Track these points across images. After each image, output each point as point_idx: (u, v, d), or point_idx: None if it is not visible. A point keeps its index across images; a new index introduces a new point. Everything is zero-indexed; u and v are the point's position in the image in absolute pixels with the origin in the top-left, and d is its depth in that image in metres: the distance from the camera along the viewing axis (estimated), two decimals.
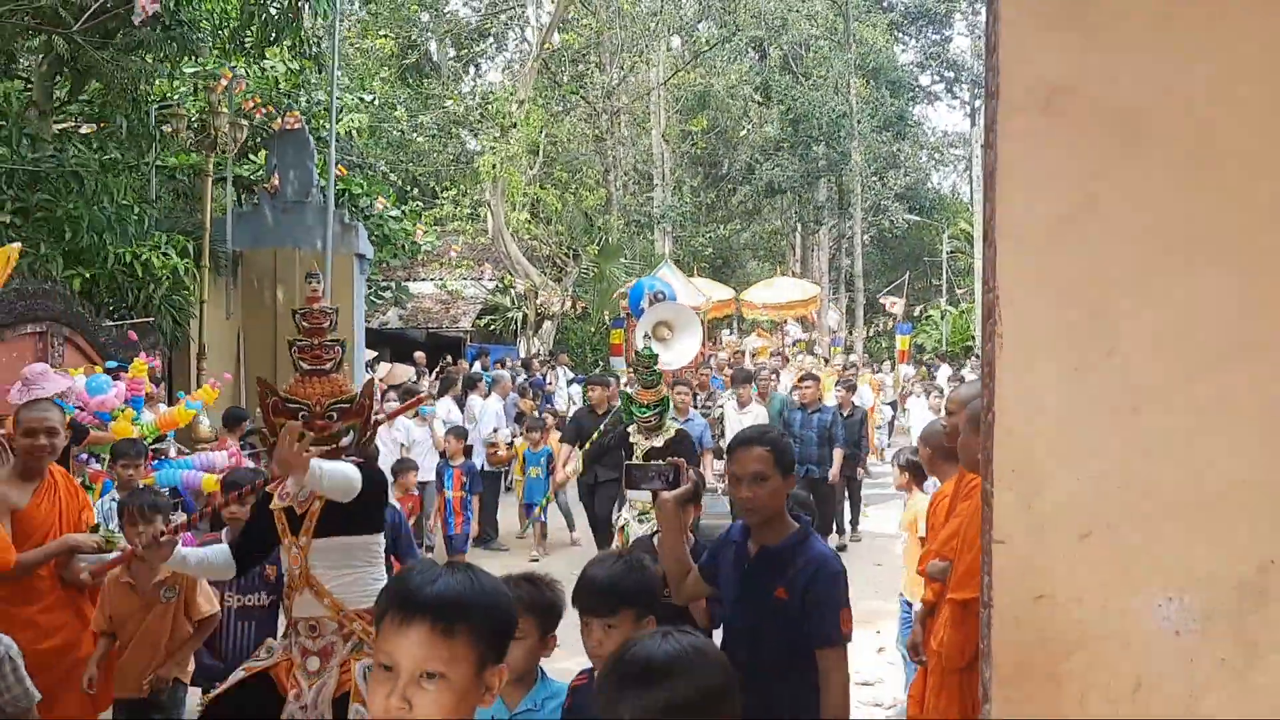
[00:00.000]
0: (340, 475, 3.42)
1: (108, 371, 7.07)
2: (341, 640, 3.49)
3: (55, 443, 3.85)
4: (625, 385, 9.01)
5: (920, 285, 36.90)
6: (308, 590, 3.51)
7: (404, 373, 16.09)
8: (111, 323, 9.86)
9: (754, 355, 18.97)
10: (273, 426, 3.53)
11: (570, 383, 15.67)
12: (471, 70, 31.76)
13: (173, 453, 7.68)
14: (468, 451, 10.20)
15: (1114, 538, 1.55)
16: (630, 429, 6.79)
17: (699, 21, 31.14)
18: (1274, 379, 1.48)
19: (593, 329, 23.28)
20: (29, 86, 10.96)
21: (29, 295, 7.98)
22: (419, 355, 17.52)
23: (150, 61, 10.96)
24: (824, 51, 31.10)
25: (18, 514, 3.58)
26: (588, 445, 8.69)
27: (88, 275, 9.79)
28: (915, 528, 5.32)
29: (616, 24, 26.99)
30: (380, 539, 3.71)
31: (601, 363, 20.58)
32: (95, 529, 3.90)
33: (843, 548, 9.83)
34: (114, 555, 3.69)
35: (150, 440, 6.87)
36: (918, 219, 34.75)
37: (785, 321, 23.90)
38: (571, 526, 10.19)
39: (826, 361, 21.37)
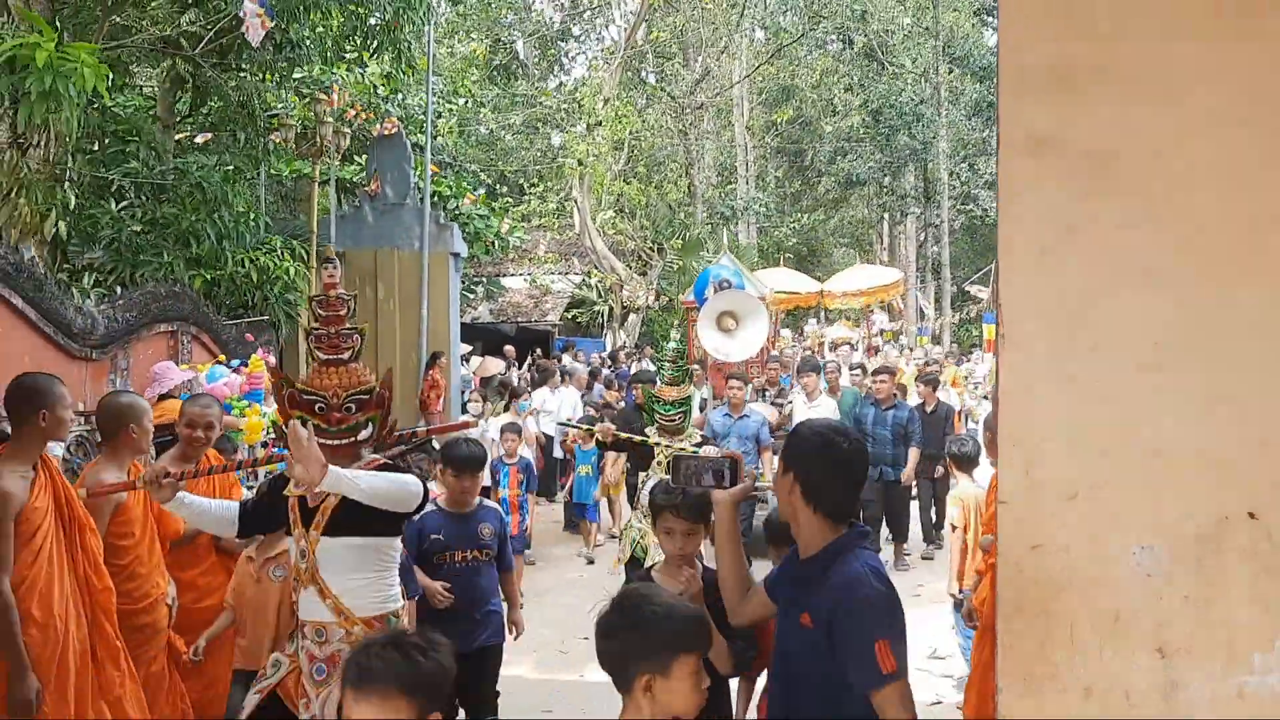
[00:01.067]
0: (388, 487, 3.19)
1: (230, 369, 7.73)
2: (349, 649, 3.12)
3: (211, 435, 4.42)
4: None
5: None
6: (313, 589, 3.32)
7: (495, 366, 16.74)
8: (231, 321, 10.62)
9: (834, 346, 18.62)
10: (289, 419, 3.39)
11: None
12: (556, 68, 32.39)
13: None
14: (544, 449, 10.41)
15: (1096, 498, 1.91)
16: (650, 430, 6.26)
17: (782, 13, 31.21)
18: (1218, 371, 1.85)
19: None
20: (153, 104, 11.80)
21: (162, 297, 8.72)
22: (509, 349, 18.17)
23: (261, 76, 11.71)
24: (908, 41, 30.93)
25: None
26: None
27: (209, 278, 10.57)
28: (963, 518, 5.57)
29: (700, 20, 27.29)
30: (397, 544, 3.51)
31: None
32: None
33: (928, 558, 9.34)
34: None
35: (268, 431, 7.52)
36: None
37: (871, 311, 23.52)
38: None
39: (910, 350, 21.32)
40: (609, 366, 16.82)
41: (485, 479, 9.17)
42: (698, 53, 28.64)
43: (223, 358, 9.24)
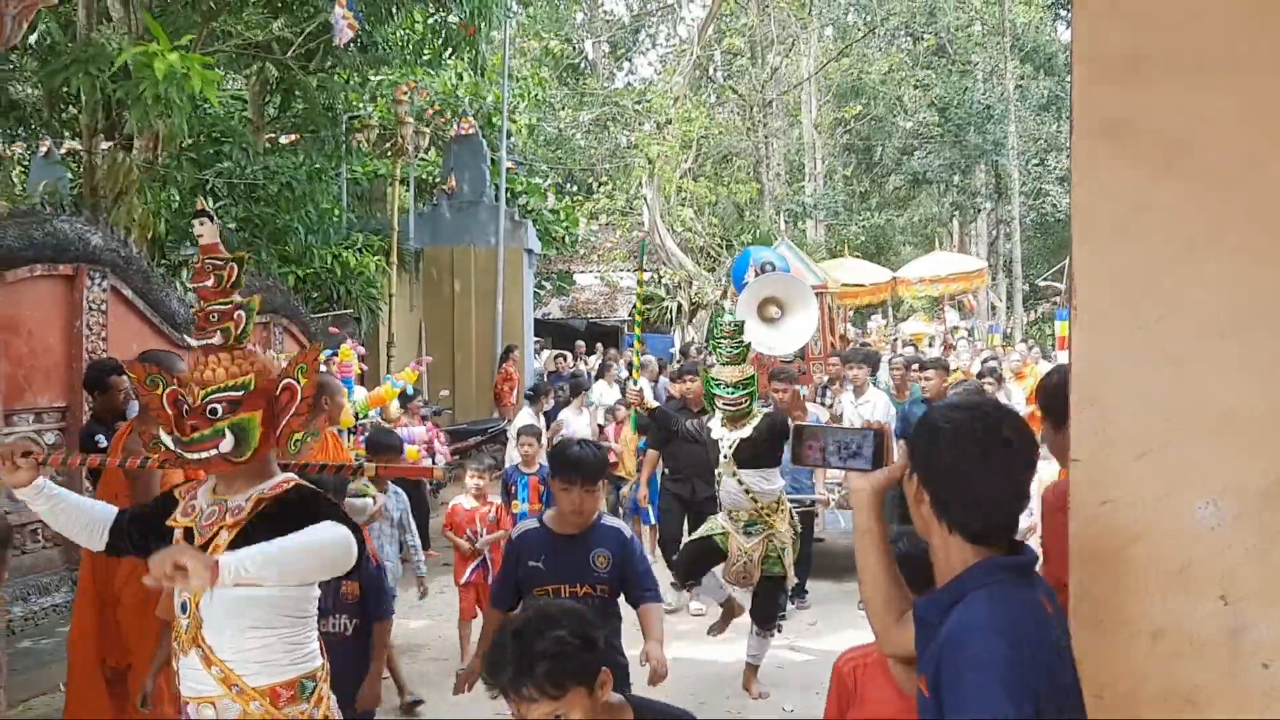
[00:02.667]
0: (308, 561, 2.43)
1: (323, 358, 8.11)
2: None
3: (343, 403, 4.78)
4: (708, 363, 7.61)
5: None
6: (195, 654, 2.55)
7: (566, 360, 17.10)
8: (318, 315, 11.05)
9: (908, 342, 17.91)
10: (166, 418, 2.61)
11: None
12: (625, 66, 32.67)
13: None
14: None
15: (1164, 456, 2.06)
16: (710, 421, 5.77)
17: (847, 13, 31.12)
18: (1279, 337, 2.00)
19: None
20: (244, 106, 12.29)
21: (256, 290, 9.13)
22: (579, 344, 18.48)
23: (345, 78, 12.15)
24: (977, 37, 30.64)
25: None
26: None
27: (300, 274, 11.00)
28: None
29: (770, 18, 27.35)
30: (314, 593, 2.70)
31: None
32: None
33: None
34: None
35: (362, 415, 7.86)
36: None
37: (943, 307, 22.87)
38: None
39: (979, 347, 20.97)
40: (680, 363, 17.03)
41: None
42: (766, 50, 28.70)
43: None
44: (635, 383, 7.13)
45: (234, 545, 2.44)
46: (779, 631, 6.01)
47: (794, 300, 9.42)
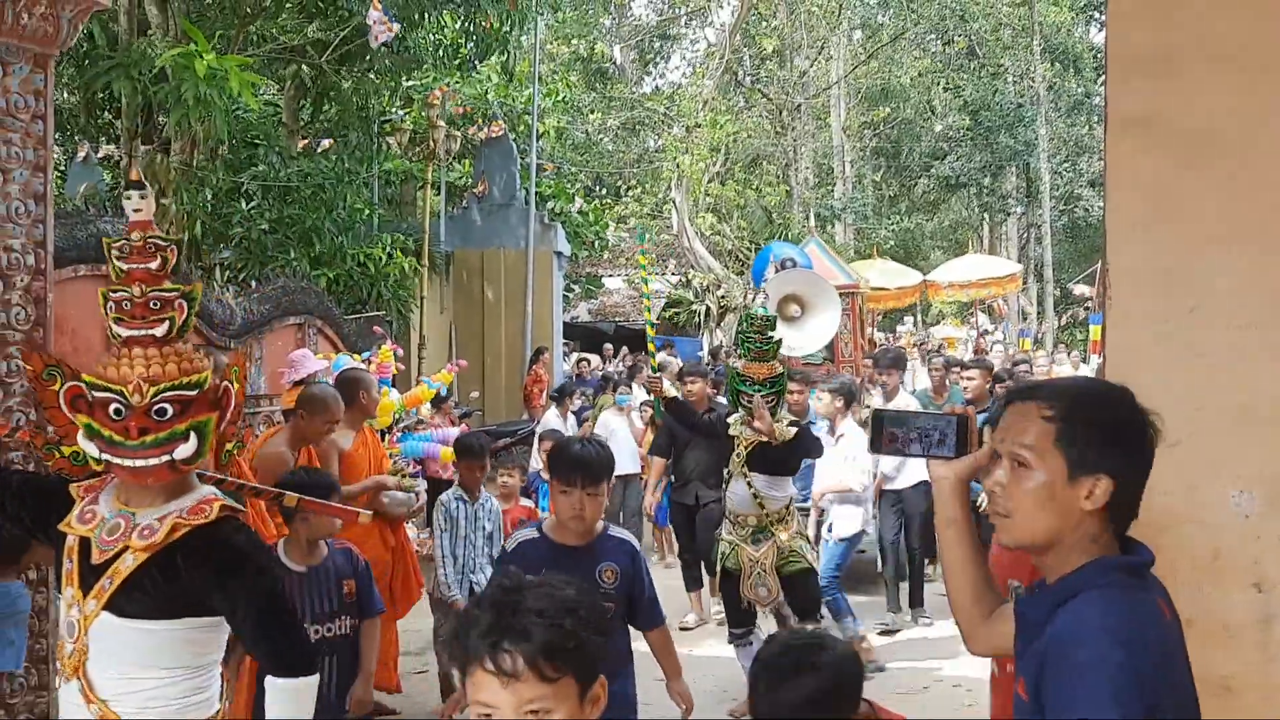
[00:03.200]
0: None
1: (363, 359, 8.22)
2: None
3: (378, 399, 4.89)
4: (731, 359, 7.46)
5: None
6: (75, 684, 2.22)
7: (592, 363, 17.19)
8: (351, 317, 11.17)
9: (940, 348, 17.31)
10: (65, 428, 2.35)
11: None
12: (653, 71, 32.76)
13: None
14: None
15: (1196, 446, 2.09)
16: (731, 418, 5.51)
17: (877, 16, 31.06)
18: None
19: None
20: (279, 109, 12.47)
21: (291, 292, 9.26)
22: (607, 347, 18.55)
23: (378, 81, 12.29)
24: (1006, 40, 30.49)
25: (344, 455, 4.56)
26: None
27: (331, 275, 11.14)
28: None
29: (801, 22, 27.36)
30: (222, 637, 2.36)
31: None
32: (394, 472, 4.89)
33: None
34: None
35: (400, 415, 7.97)
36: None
37: (975, 311, 21.89)
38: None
39: (1009, 352, 20.68)
40: (710, 365, 17.07)
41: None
42: (795, 54, 28.70)
43: (344, 349, 9.76)
44: (655, 370, 6.63)
45: (142, 574, 2.17)
46: (822, 619, 5.75)
47: (816, 298, 9.03)
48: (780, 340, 5.61)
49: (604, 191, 24.80)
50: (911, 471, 6.90)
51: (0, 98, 3.43)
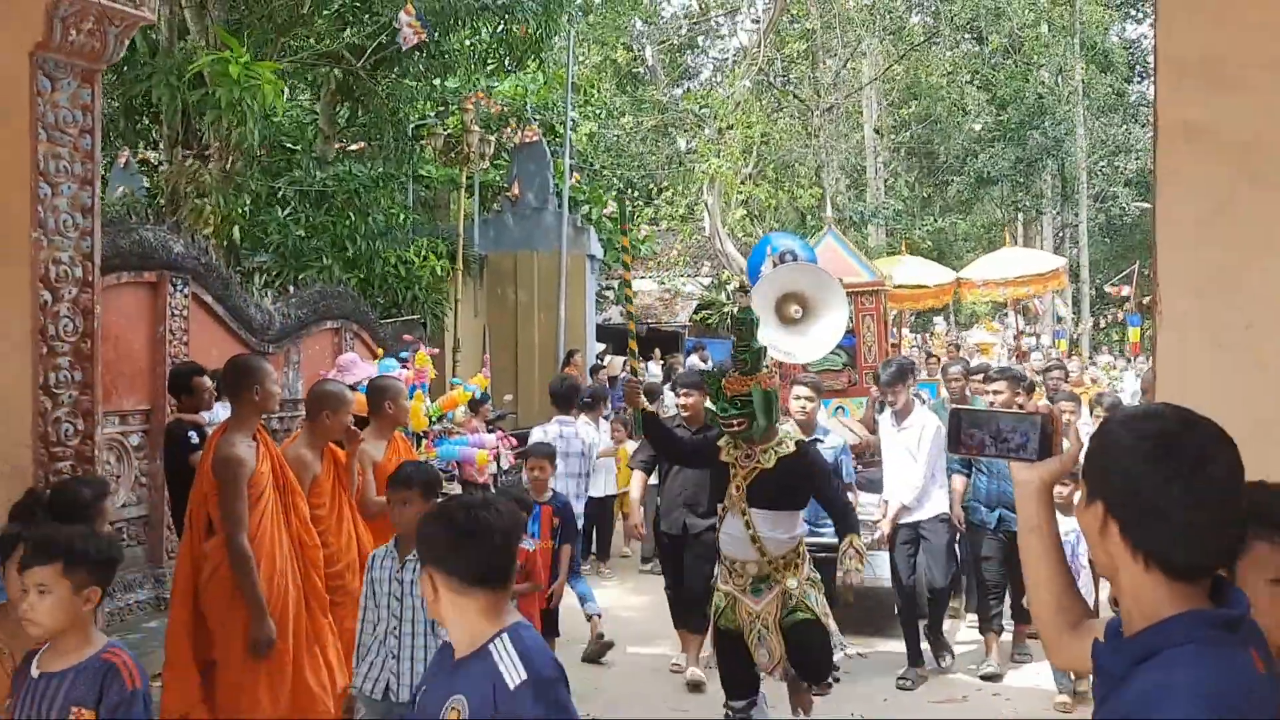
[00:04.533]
0: None
1: (400, 362, 8.28)
2: None
3: (406, 406, 4.90)
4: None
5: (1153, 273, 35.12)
6: None
7: (622, 362, 17.20)
8: (386, 321, 11.26)
9: (966, 355, 17.09)
10: None
11: None
12: (685, 69, 32.73)
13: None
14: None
15: (1248, 464, 2.05)
16: (722, 440, 4.54)
17: (908, 15, 30.88)
18: None
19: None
20: (315, 116, 12.59)
21: (328, 296, 9.36)
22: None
23: (412, 85, 12.39)
24: (1045, 38, 30.22)
25: (376, 465, 4.58)
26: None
27: (363, 278, 11.24)
28: None
29: (836, 22, 27.27)
30: None
31: None
32: None
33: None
34: None
35: (435, 419, 8.02)
36: (1150, 205, 33.16)
37: (1007, 311, 20.77)
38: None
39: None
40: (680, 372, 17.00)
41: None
42: (827, 55, 28.60)
43: (380, 353, 9.84)
44: (637, 374, 5.19)
45: None
46: (837, 682, 4.78)
47: (820, 297, 7.60)
48: (762, 349, 4.56)
49: (635, 194, 24.82)
50: (934, 502, 6.13)
51: (49, 113, 3.49)
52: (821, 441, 5.98)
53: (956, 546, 6.41)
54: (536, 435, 7.53)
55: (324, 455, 4.43)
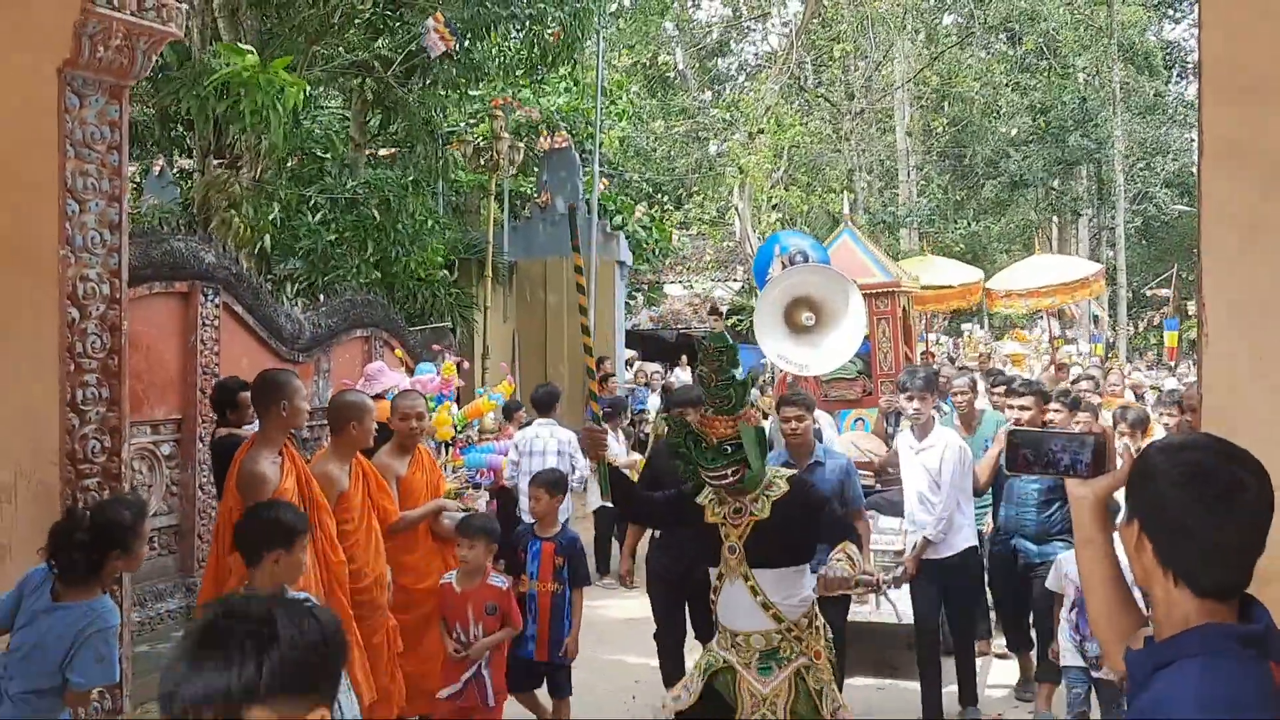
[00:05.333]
0: None
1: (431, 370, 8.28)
2: None
3: (424, 425, 4.84)
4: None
5: (1193, 278, 34.69)
6: None
7: (652, 370, 17.18)
8: (415, 329, 11.27)
9: (1005, 365, 15.48)
10: None
11: None
12: (714, 74, 32.68)
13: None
14: None
15: None
16: (702, 496, 3.76)
17: (944, 15, 30.65)
18: None
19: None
20: (346, 123, 12.65)
21: (358, 305, 9.37)
22: (684, 358, 18.53)
23: (443, 93, 12.41)
24: (1083, 39, 29.89)
25: (400, 480, 4.56)
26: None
27: (392, 285, 11.27)
28: None
29: (868, 24, 27.11)
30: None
31: None
32: (452, 494, 4.86)
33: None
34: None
35: (460, 428, 8.00)
36: (1188, 207, 32.70)
37: (1041, 315, 18.97)
38: None
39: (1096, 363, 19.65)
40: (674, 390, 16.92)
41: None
42: (859, 58, 28.44)
43: (409, 361, 9.85)
44: (600, 420, 4.34)
45: None
46: None
47: (835, 302, 6.74)
48: (746, 382, 3.64)
49: (665, 198, 24.80)
50: (961, 534, 5.44)
51: (77, 130, 3.50)
52: (822, 465, 5.08)
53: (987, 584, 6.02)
54: (521, 437, 7.60)
55: (352, 469, 4.41)
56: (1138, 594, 1.87)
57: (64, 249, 3.42)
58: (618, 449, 7.80)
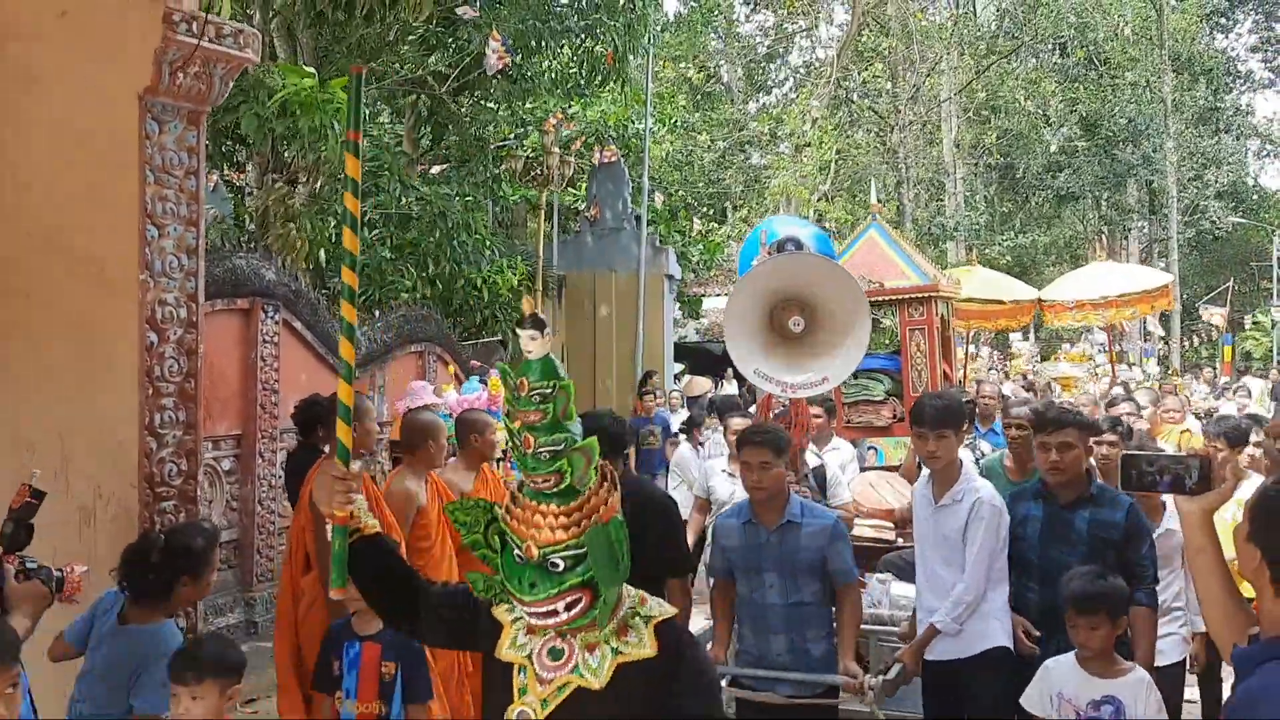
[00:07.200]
0: None
1: (481, 384, 8.29)
2: None
3: (495, 440, 4.85)
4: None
5: (1246, 290, 34.03)
6: None
7: (702, 385, 17.06)
8: (468, 343, 11.33)
9: (1054, 390, 13.88)
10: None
11: None
12: (760, 93, 32.64)
13: None
14: None
15: None
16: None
17: (991, 26, 30.37)
18: None
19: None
20: (400, 139, 12.78)
21: (412, 320, 9.43)
22: (729, 371, 18.45)
23: (495, 109, 12.50)
24: (1132, 51, 29.48)
25: (465, 496, 4.55)
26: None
27: (446, 298, 11.34)
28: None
29: (915, 42, 26.96)
30: None
31: None
32: None
33: None
34: None
35: (506, 446, 8.00)
36: (1242, 219, 32.10)
37: (1091, 329, 18.61)
38: None
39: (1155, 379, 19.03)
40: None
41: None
42: (906, 70, 28.26)
43: (462, 376, 9.90)
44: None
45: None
46: None
47: (833, 303, 4.98)
48: (590, 447, 2.02)
49: (710, 211, 24.77)
50: (984, 628, 3.84)
51: (157, 155, 3.54)
52: (797, 527, 3.81)
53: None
54: None
55: (429, 486, 4.44)
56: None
57: (144, 273, 3.46)
58: (694, 461, 6.43)
